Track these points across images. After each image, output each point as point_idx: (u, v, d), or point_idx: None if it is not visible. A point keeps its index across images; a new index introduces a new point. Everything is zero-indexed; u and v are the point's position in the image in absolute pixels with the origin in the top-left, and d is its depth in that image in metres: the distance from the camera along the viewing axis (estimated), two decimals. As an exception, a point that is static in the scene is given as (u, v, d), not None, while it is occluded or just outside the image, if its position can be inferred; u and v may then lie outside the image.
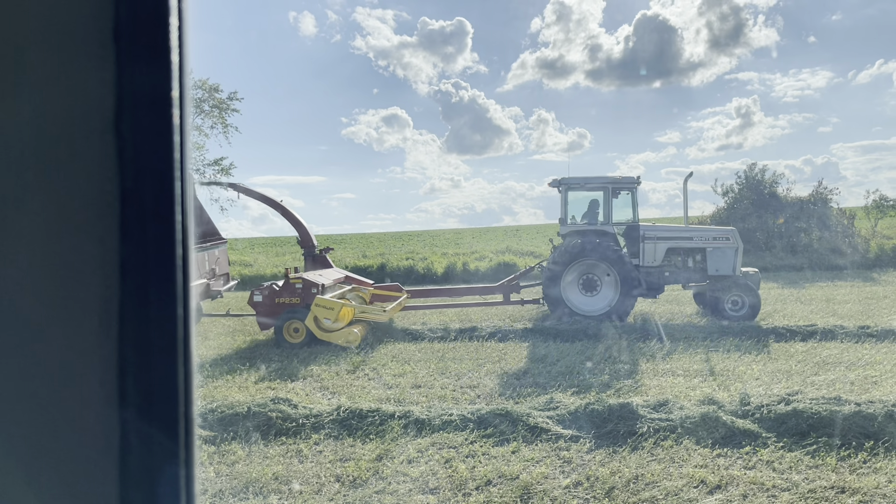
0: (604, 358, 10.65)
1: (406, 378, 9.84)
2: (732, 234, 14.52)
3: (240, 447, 7.06)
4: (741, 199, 29.14)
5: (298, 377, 10.17)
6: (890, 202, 30.61)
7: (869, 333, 11.50)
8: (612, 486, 5.75)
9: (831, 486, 5.60)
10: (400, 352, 11.75)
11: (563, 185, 14.66)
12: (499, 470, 6.17)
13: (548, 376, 9.64)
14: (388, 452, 6.74)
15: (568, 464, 6.32)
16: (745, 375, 9.25)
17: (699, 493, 5.59)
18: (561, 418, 7.36)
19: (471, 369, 10.24)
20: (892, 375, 8.87)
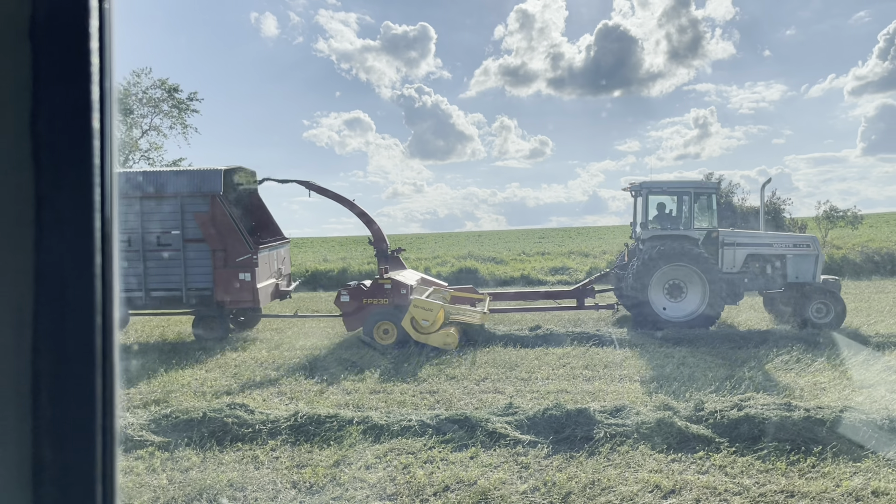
0: (563, 363, 10.73)
1: (364, 383, 9.78)
2: (813, 241, 14.36)
3: (194, 453, 6.93)
4: (698, 208, 29.68)
5: (269, 383, 10.03)
6: (839, 213, 31.48)
7: (818, 341, 11.80)
8: (568, 492, 5.79)
9: (781, 491, 5.73)
10: (360, 357, 11.67)
11: (643, 189, 14.46)
12: (457, 475, 6.17)
13: (506, 381, 9.69)
14: (345, 458, 6.69)
15: (526, 469, 6.35)
16: (700, 381, 9.41)
17: (654, 497, 5.67)
18: (519, 424, 7.39)
19: (431, 374, 10.22)
20: (839, 382, 9.12)
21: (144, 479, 6.37)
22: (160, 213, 13.62)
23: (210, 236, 13.43)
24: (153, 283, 13.62)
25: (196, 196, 13.56)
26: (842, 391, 8.66)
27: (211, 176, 13.64)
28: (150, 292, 13.63)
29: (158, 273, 13.64)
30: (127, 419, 7.74)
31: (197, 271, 13.61)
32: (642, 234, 14.27)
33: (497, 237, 59.17)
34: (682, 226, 14.27)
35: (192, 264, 13.59)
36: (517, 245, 43.31)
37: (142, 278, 13.57)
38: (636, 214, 15.41)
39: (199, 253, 13.55)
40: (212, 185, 13.56)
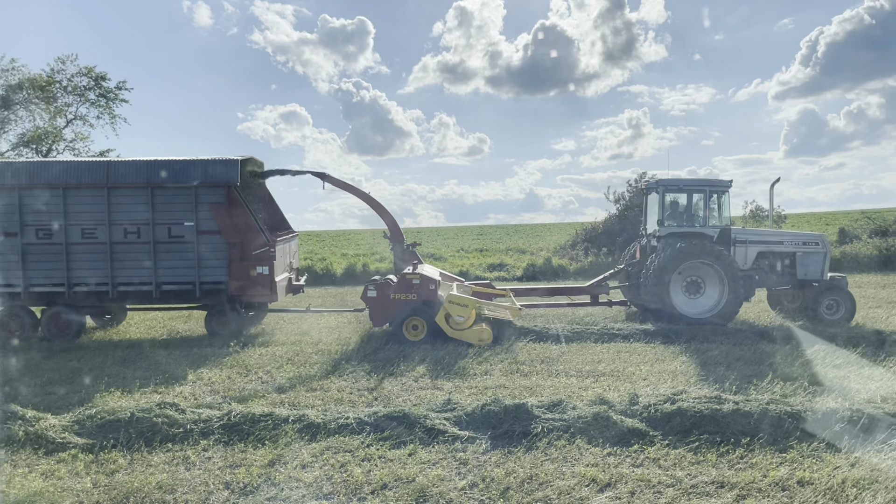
0: (500, 360, 10.78)
1: (301, 381, 9.61)
2: (822, 239, 14.67)
3: (121, 455, 6.66)
4: (632, 206, 30.37)
5: (187, 381, 9.73)
6: (765, 212, 32.71)
7: (746, 336, 12.20)
8: (506, 487, 5.80)
9: (712, 482, 5.88)
10: (295, 354, 11.47)
11: (660, 186, 14.52)
12: (395, 473, 6.10)
13: (445, 377, 9.67)
14: (280, 458, 6.54)
15: (464, 465, 6.33)
16: (635, 376, 9.60)
17: (590, 491, 5.73)
18: (458, 420, 7.37)
19: (369, 371, 10.12)
20: (765, 375, 9.43)
21: (67, 483, 6.08)
22: (172, 203, 13.12)
23: (226, 228, 13.05)
24: (164, 277, 13.15)
25: (211, 186, 13.09)
26: (767, 384, 8.95)
27: (227, 166, 13.20)
28: (160, 286, 13.16)
29: (170, 266, 13.16)
30: (48, 421, 7.39)
31: (211, 264, 13.20)
32: (660, 231, 14.39)
33: (436, 234, 59.32)
34: (698, 223, 14.45)
35: (205, 257, 13.17)
36: (456, 242, 43.49)
37: (152, 271, 13.10)
38: (647, 212, 15.64)
39: (214, 245, 13.15)
40: (228, 176, 13.12)
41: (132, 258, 13.06)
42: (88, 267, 13.04)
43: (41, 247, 12.99)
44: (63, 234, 12.94)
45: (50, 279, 13.02)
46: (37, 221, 12.97)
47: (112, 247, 13.00)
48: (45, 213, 12.95)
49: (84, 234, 13.03)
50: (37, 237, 13.00)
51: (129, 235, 13.04)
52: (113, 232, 13.00)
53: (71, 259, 12.99)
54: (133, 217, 13.04)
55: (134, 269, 13.09)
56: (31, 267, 13.00)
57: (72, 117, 32.22)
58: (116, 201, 13.01)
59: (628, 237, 28.40)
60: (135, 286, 13.14)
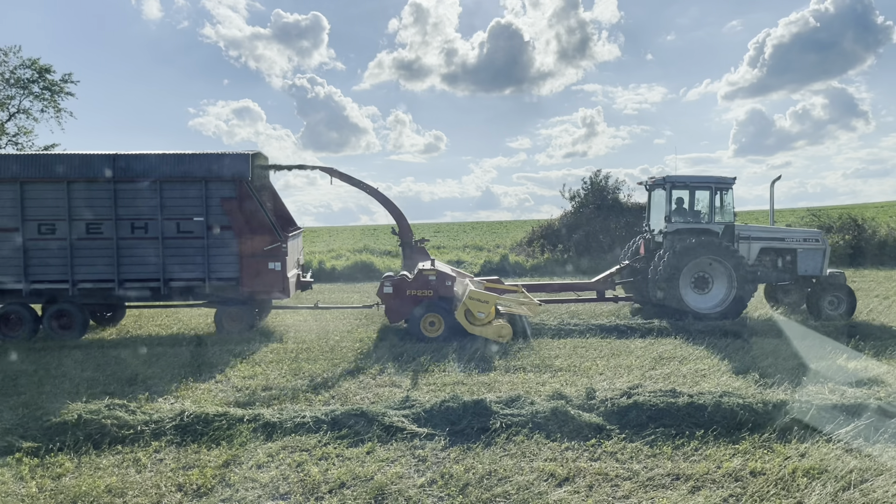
0: (461, 356, 10.77)
1: (256, 380, 9.45)
2: (821, 236, 14.95)
3: (68, 459, 6.44)
4: (587, 204, 30.72)
5: (138, 381, 9.48)
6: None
7: (699, 330, 12.44)
8: (466, 483, 5.78)
9: (668, 474, 5.95)
10: (243, 349, 11.27)
11: (667, 183, 14.59)
12: (353, 471, 6.03)
13: (404, 374, 9.62)
14: (235, 458, 6.40)
15: (423, 462, 6.29)
16: (591, 371, 9.68)
17: (549, 486, 5.75)
18: (416, 416, 7.33)
19: (326, 369, 10.00)
20: (718, 369, 9.62)
21: (11, 487, 5.85)
22: (181, 198, 12.82)
23: (238, 223, 12.79)
24: (172, 273, 12.84)
25: (222, 181, 12.82)
26: (720, 377, 9.13)
27: (238, 160, 12.95)
28: (168, 282, 12.84)
29: (178, 262, 12.84)
30: (-10, 424, 7.10)
31: (221, 260, 12.93)
32: (667, 227, 14.50)
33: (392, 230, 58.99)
34: (704, 219, 14.63)
35: (216, 253, 12.88)
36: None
37: (160, 267, 12.76)
38: (650, 208, 15.76)
39: (225, 241, 12.88)
40: (239, 170, 12.86)
41: (139, 254, 12.78)
42: (93, 263, 12.72)
43: (43, 242, 12.62)
44: (66, 230, 12.60)
45: (52, 276, 12.66)
46: (38, 216, 12.63)
47: (118, 242, 12.69)
48: (46, 207, 12.60)
49: (88, 229, 12.70)
50: (38, 232, 12.62)
51: (137, 231, 12.76)
52: (119, 227, 12.70)
53: (75, 255, 12.65)
54: (140, 212, 12.75)
55: (141, 266, 12.80)
56: (32, 263, 12.63)
57: (14, 111, 31.20)
58: (123, 196, 12.71)
59: (584, 234, 28.75)
60: (141, 283, 12.83)
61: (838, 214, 29.05)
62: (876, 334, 11.97)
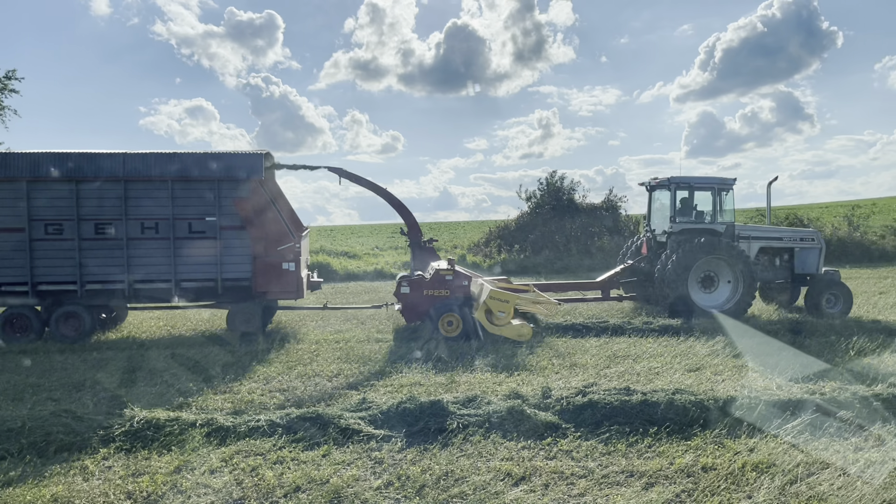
0: (417, 356, 10.75)
1: (209, 384, 9.27)
2: (817, 235, 15.31)
3: (11, 467, 6.22)
4: (543, 205, 31.01)
5: (85, 386, 9.22)
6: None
7: (651, 328, 12.65)
8: (422, 485, 5.76)
9: (622, 471, 6.03)
10: (195, 354, 11.07)
11: (672, 183, 14.76)
12: (308, 475, 5.96)
13: (360, 376, 9.56)
14: (187, 464, 6.27)
15: (379, 464, 6.26)
16: (547, 370, 9.76)
17: (505, 485, 5.77)
18: (373, 418, 7.28)
19: (281, 372, 9.88)
20: (671, 366, 9.80)
21: (-51, 499, 5.63)
22: (194, 198, 12.59)
23: (251, 223, 12.62)
24: (184, 274, 12.57)
25: (236, 181, 12.61)
26: (672, 375, 9.30)
27: (252, 159, 12.75)
28: (179, 283, 12.56)
29: (190, 262, 12.59)
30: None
31: (234, 261, 12.73)
32: (672, 227, 14.73)
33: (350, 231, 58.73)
34: (707, 220, 14.88)
35: (228, 253, 12.68)
36: (370, 240, 43.19)
37: (171, 268, 12.48)
38: (652, 209, 15.98)
39: (237, 241, 12.69)
40: (253, 170, 12.67)
41: (150, 254, 12.54)
42: (102, 264, 12.44)
43: (51, 243, 12.30)
44: (75, 230, 12.30)
45: (60, 276, 12.36)
46: (45, 216, 12.30)
47: (128, 243, 12.43)
48: (53, 207, 12.30)
49: (97, 229, 12.41)
50: (46, 232, 12.28)
51: (147, 231, 12.52)
52: (129, 227, 12.44)
53: (83, 256, 12.36)
54: (151, 212, 12.52)
55: (151, 266, 12.56)
56: (39, 264, 12.29)
57: (-47, 108, 30.02)
58: (133, 195, 12.47)
59: (541, 234, 29.00)
60: (152, 283, 12.59)
61: (785, 215, 29.88)
62: (821, 331, 12.33)
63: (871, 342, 11.08)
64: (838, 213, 36.80)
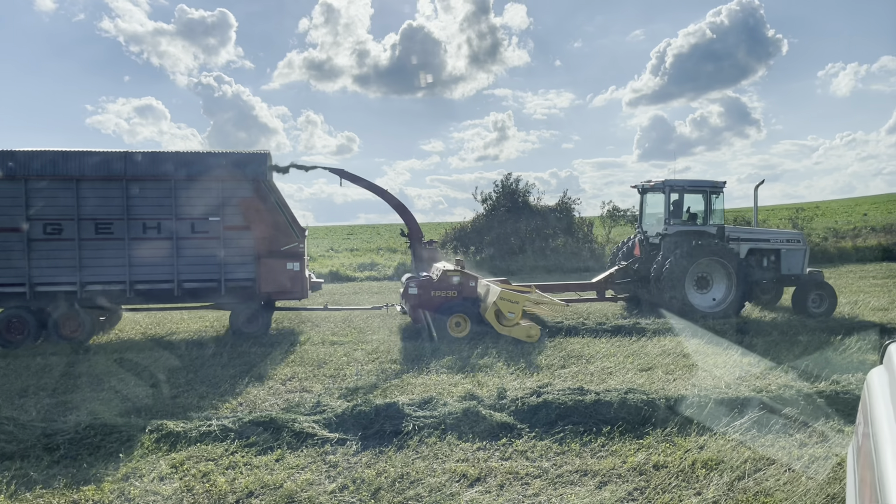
0: (372, 359, 10.70)
1: (159, 388, 9.06)
2: (802, 237, 15.67)
3: (-52, 478, 5.98)
4: (498, 206, 31.17)
5: (29, 392, 8.92)
6: (621, 212, 34.59)
7: (605, 329, 12.82)
8: (378, 487, 5.73)
9: (576, 470, 6.09)
10: (144, 359, 10.82)
11: (666, 186, 14.99)
12: (261, 480, 5.87)
13: (314, 379, 9.46)
14: (136, 471, 6.11)
15: (334, 468, 6.20)
16: (502, 371, 9.81)
17: (461, 487, 5.78)
18: (328, 422, 7.22)
19: (233, 375, 9.71)
20: (623, 366, 9.94)
21: None
22: (196, 198, 12.42)
23: (255, 224, 12.53)
24: (186, 274, 12.39)
25: (240, 180, 12.50)
26: (625, 375, 9.44)
27: (256, 159, 12.63)
28: (181, 284, 12.38)
29: (192, 262, 12.40)
30: None
31: (237, 261, 12.61)
32: (668, 229, 15.02)
33: (304, 233, 58.06)
34: (700, 222, 15.22)
35: (231, 253, 12.54)
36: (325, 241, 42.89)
37: (173, 268, 12.30)
38: (644, 210, 16.29)
39: (241, 241, 12.58)
40: (257, 169, 12.59)
41: (152, 255, 12.34)
42: (103, 264, 12.19)
43: (49, 243, 12.01)
44: (75, 230, 12.02)
45: (59, 278, 12.07)
46: (45, 216, 12.00)
47: (130, 243, 12.21)
48: (53, 207, 12.01)
49: (98, 229, 12.15)
50: (44, 232, 11.98)
51: (149, 231, 12.32)
52: (131, 227, 12.22)
53: (83, 257, 12.09)
54: (153, 212, 12.32)
55: (153, 266, 12.36)
56: (37, 265, 11.99)
57: None
58: (135, 195, 12.26)
59: (497, 236, 29.15)
60: (153, 284, 12.39)
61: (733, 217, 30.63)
62: (766, 331, 12.67)
63: (815, 340, 11.43)
64: (783, 215, 37.93)
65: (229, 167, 12.58)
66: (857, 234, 33.33)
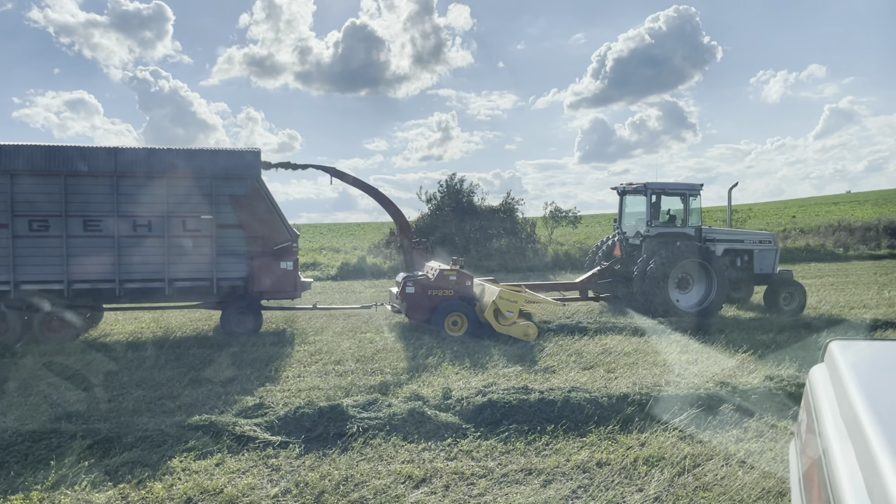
0: (315, 360, 10.55)
1: (92, 392, 8.73)
2: (773, 238, 16.05)
3: None
4: (443, 206, 31.22)
5: None
6: (563, 213, 35.09)
7: (549, 328, 12.96)
8: (321, 491, 5.64)
9: (521, 469, 6.12)
10: (75, 362, 10.41)
11: (648, 189, 15.19)
12: (200, 486, 5.71)
13: (256, 381, 9.26)
14: (66, 478, 5.86)
15: (276, 471, 6.08)
16: (448, 370, 9.79)
17: (406, 488, 5.73)
18: (269, 425, 7.08)
19: (171, 378, 9.43)
20: (567, 365, 10.06)
21: None
22: (189, 195, 12.10)
23: (248, 222, 12.29)
24: (177, 273, 12.03)
25: (233, 178, 12.23)
26: (568, 373, 9.55)
27: (249, 157, 12.41)
28: (172, 282, 12.02)
29: (184, 261, 12.07)
30: None
31: (230, 259, 12.32)
32: (649, 230, 15.25)
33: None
34: (680, 223, 15.52)
35: (224, 252, 12.25)
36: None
37: (164, 267, 11.94)
38: (624, 212, 16.53)
39: (234, 240, 12.32)
40: (251, 167, 12.38)
41: (141, 253, 11.99)
42: (91, 262, 11.80)
43: (35, 240, 11.56)
44: (63, 226, 11.58)
45: (46, 276, 11.65)
46: (31, 211, 11.55)
47: (119, 241, 11.82)
48: (39, 202, 11.57)
49: (86, 226, 11.74)
50: (30, 229, 11.52)
51: (139, 229, 11.96)
52: (121, 224, 11.85)
53: (70, 254, 11.67)
54: (144, 209, 11.96)
55: (144, 265, 12.01)
56: (22, 262, 11.53)
57: None
58: (125, 192, 11.85)
59: (442, 236, 29.16)
60: (143, 283, 12.05)
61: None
62: (704, 328, 13.01)
63: (743, 336, 11.79)
64: (718, 217, 39.09)
65: (222, 164, 12.38)
66: (786, 235, 34.61)
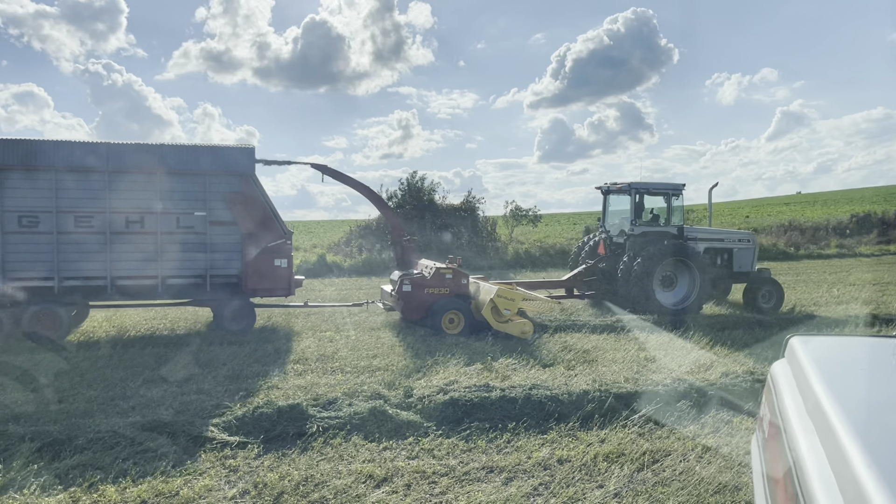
0: (276, 359, 10.41)
1: (41, 393, 8.46)
2: (752, 237, 16.43)
3: None
4: (404, 205, 31.14)
5: None
6: (523, 212, 35.30)
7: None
8: (281, 492, 5.55)
9: (482, 467, 6.12)
10: (24, 362, 10.10)
11: (632, 189, 15.30)
12: (155, 488, 5.57)
13: (213, 381, 9.09)
14: (14, 482, 5.66)
15: (234, 472, 5.97)
16: (409, 368, 9.75)
17: (367, 488, 5.68)
18: (227, 425, 6.95)
19: (125, 378, 9.20)
20: (527, 362, 10.10)
21: None
22: (182, 192, 12.01)
23: (242, 219, 12.20)
24: (169, 270, 11.91)
25: (227, 175, 12.32)
26: (529, 371, 9.59)
27: (243, 153, 12.33)
28: (165, 280, 11.88)
29: (177, 258, 11.92)
30: None
31: (224, 257, 12.24)
32: (633, 229, 15.38)
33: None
34: (663, 222, 15.70)
35: (218, 249, 12.15)
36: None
37: (157, 264, 11.78)
38: (607, 211, 16.72)
39: (227, 237, 12.22)
40: (245, 164, 12.30)
41: (134, 249, 11.82)
42: (81, 259, 11.60)
43: (25, 236, 11.35)
44: (53, 223, 11.36)
45: (36, 272, 11.46)
46: (15, 207, 11.33)
47: (111, 237, 11.63)
48: (29, 198, 11.39)
49: (78, 222, 11.53)
50: (20, 225, 11.31)
51: (132, 225, 11.81)
52: (112, 221, 11.67)
53: (61, 251, 11.46)
54: (136, 205, 11.82)
55: (136, 262, 11.83)
56: (11, 258, 11.32)
57: None
58: (117, 187, 11.69)
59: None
60: (135, 280, 11.87)
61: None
62: (659, 326, 13.21)
63: (704, 336, 12.00)
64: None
65: (216, 161, 12.26)
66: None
